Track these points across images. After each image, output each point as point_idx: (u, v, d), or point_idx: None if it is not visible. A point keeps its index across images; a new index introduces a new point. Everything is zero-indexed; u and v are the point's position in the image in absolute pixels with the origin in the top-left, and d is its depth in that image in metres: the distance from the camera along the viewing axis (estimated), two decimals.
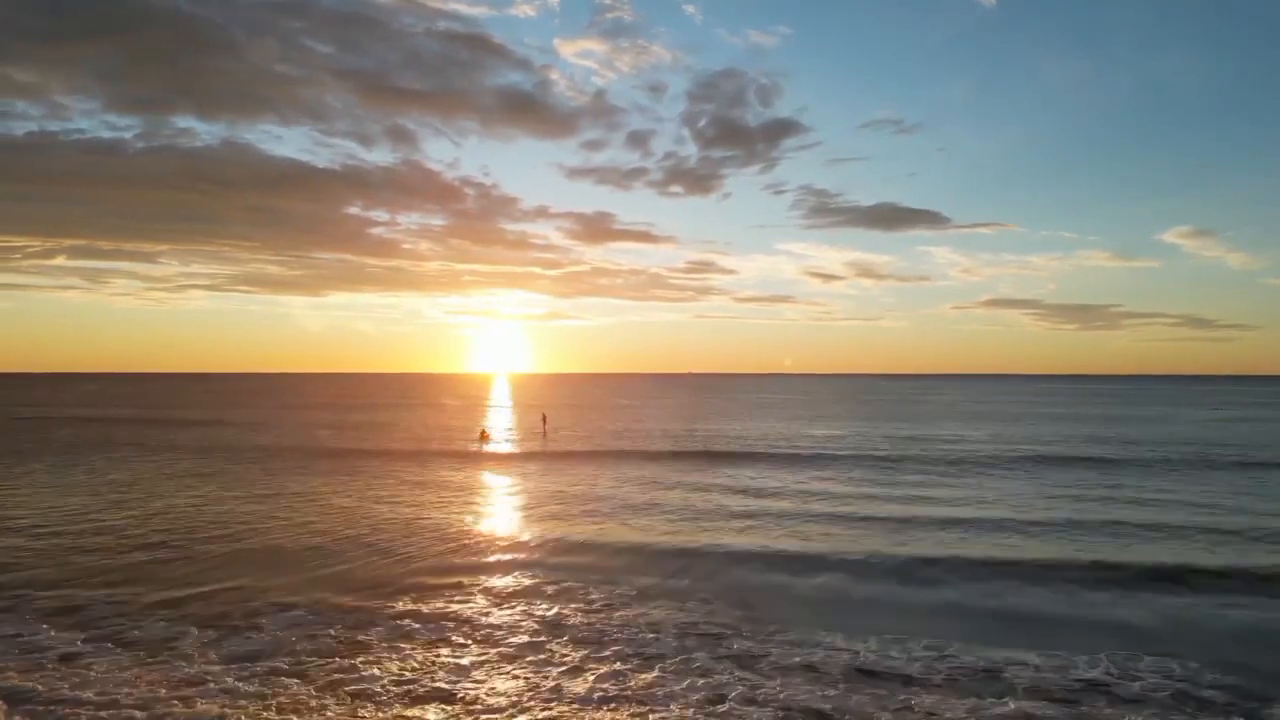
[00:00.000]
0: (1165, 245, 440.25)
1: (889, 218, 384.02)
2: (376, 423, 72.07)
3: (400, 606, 16.79)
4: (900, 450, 48.02)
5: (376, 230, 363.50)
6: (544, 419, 70.44)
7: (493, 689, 12.52)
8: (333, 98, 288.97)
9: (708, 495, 32.26)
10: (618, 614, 16.41)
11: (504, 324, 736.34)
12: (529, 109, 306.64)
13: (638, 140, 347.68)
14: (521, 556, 21.82)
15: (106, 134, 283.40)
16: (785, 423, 72.90)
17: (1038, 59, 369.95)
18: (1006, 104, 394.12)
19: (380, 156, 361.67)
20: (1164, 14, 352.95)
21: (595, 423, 73.33)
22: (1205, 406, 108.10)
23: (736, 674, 13.17)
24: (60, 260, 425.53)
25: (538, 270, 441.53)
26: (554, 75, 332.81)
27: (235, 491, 32.08)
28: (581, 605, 17.07)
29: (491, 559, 21.54)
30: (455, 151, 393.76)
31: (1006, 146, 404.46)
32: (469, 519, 27.06)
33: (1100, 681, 12.96)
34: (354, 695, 12.14)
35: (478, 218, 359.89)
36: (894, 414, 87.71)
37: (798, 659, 13.85)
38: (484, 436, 58.61)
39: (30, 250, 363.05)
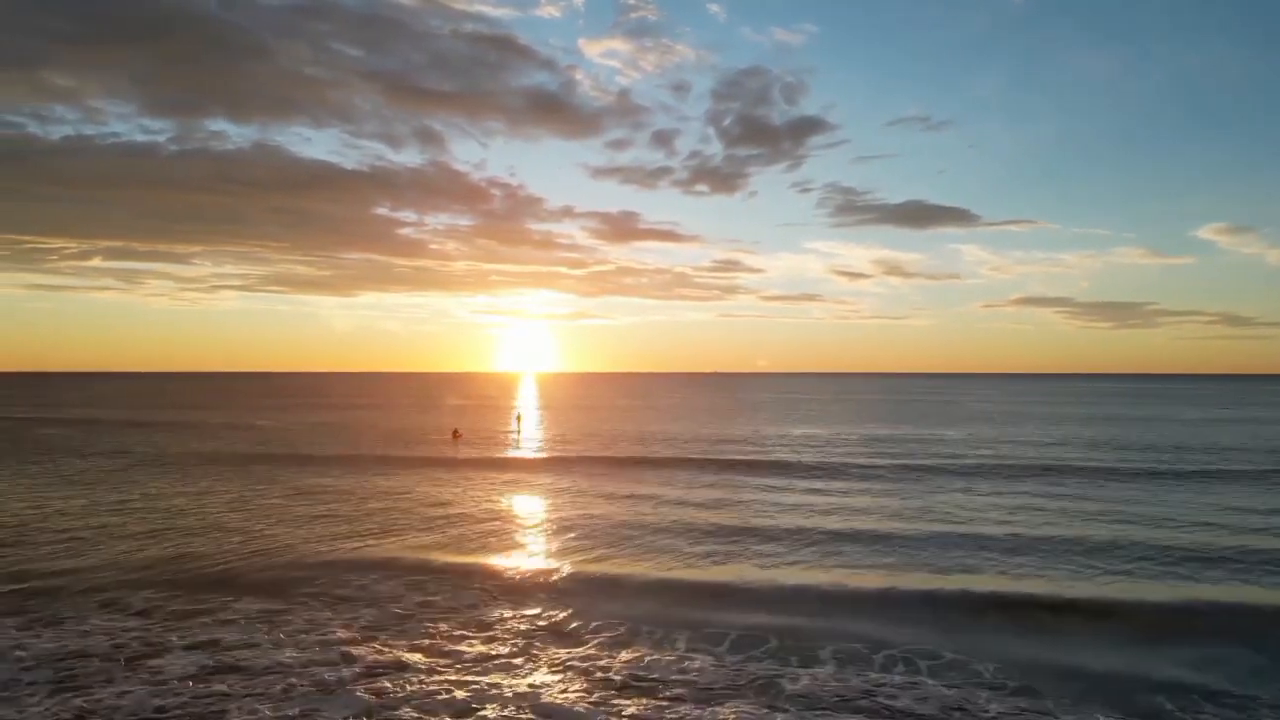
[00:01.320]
0: (1201, 242, 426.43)
1: (917, 215, 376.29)
2: (355, 422, 69.22)
3: None
4: (935, 455, 43.20)
5: (404, 231, 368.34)
6: (518, 418, 66.96)
7: None
8: (361, 99, 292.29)
9: (671, 509, 27.93)
10: None
11: (530, 323, 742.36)
12: (554, 109, 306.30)
13: (662, 139, 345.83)
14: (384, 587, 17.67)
15: (141, 137, 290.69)
16: (802, 426, 67.68)
17: (1069, 53, 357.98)
18: (1038, 99, 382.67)
19: (408, 158, 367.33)
20: (1199, 5, 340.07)
21: (582, 424, 69.27)
22: (1243, 406, 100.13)
23: None
24: (97, 261, 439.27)
25: (563, 270, 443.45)
26: (579, 75, 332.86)
27: (82, 499, 28.74)
28: None
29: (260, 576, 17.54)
30: (482, 152, 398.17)
31: (1038, 142, 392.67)
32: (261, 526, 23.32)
33: None
34: None
35: (504, 218, 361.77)
36: (925, 415, 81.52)
37: None
38: (456, 436, 56.05)
39: (67, 252, 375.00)
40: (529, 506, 28.93)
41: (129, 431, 60.00)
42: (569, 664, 13.25)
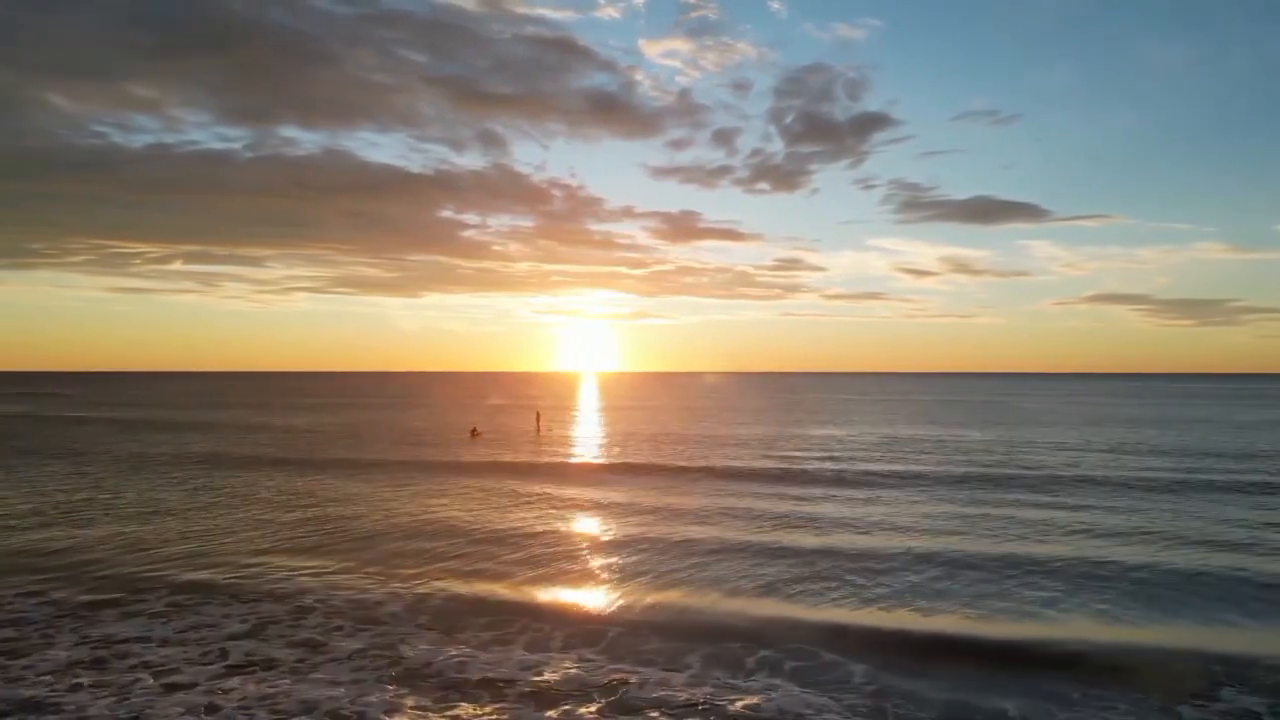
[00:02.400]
0: None
1: (984, 211, 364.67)
2: (386, 421, 68.61)
3: None
4: (1019, 464, 37.47)
5: (468, 232, 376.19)
6: (538, 417, 65.18)
7: None
8: (426, 104, 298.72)
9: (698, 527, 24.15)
10: None
11: (591, 323, 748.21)
12: (614, 110, 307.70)
13: (723, 138, 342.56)
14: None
15: (217, 145, 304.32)
16: (869, 427, 63.14)
17: (1142, 43, 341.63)
18: (1111, 90, 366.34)
19: (471, 160, 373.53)
20: None
21: (619, 424, 67.04)
22: None
23: None
24: (177, 265, 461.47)
25: (624, 270, 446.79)
26: (639, 76, 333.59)
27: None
28: None
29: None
30: (543, 154, 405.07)
31: (1111, 134, 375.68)
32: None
33: None
34: None
35: (565, 219, 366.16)
36: (1000, 418, 75.48)
37: None
38: (474, 434, 54.87)
39: (149, 256, 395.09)
40: (489, 519, 26.74)
41: (147, 431, 60.58)
42: None
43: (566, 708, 10.71)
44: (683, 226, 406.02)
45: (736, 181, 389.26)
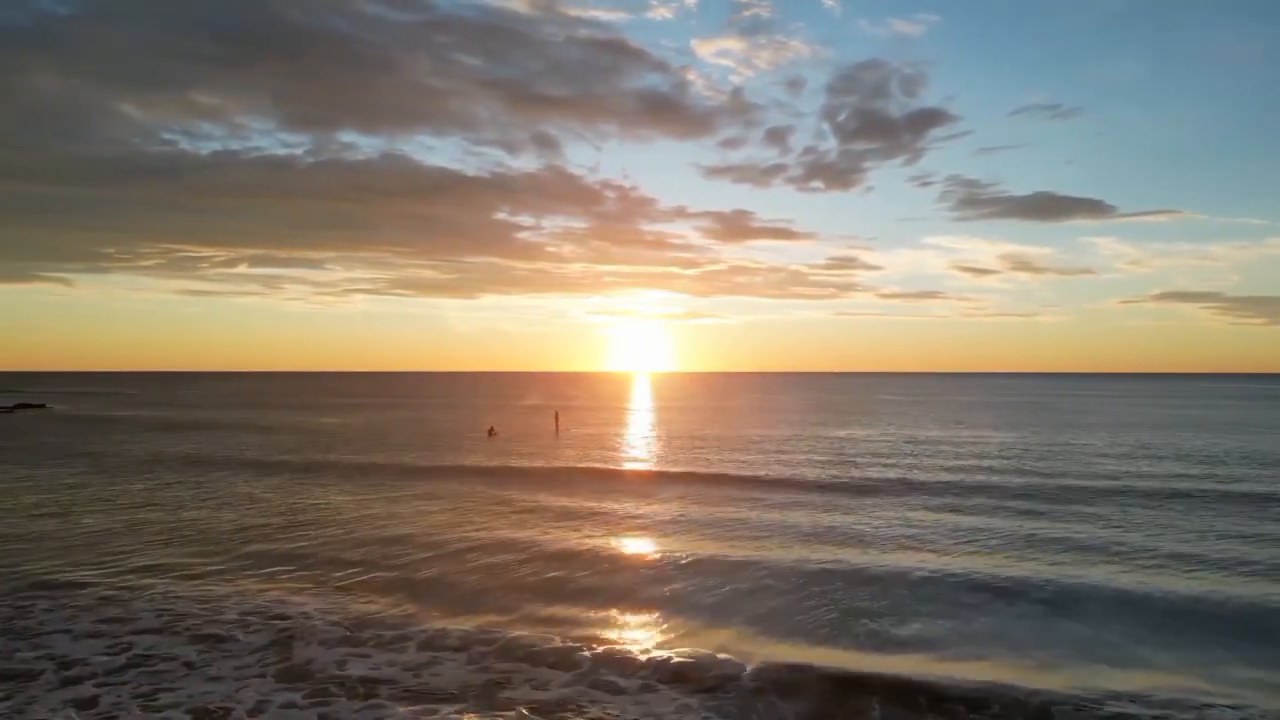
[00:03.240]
0: None
1: (1046, 208, 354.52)
2: (411, 421, 69.40)
3: None
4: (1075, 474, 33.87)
5: (522, 234, 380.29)
6: (556, 418, 65.27)
7: None
8: (481, 108, 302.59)
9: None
10: None
11: (644, 323, 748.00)
12: (667, 110, 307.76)
13: (776, 137, 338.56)
14: None
15: (280, 151, 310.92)
16: (930, 429, 60.31)
17: (1209, 33, 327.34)
18: (1180, 81, 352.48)
19: (525, 163, 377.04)
20: None
21: (654, 425, 66.78)
22: None
23: None
24: (242, 268, 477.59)
25: (676, 270, 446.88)
26: (691, 76, 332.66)
27: None
28: None
29: None
30: (595, 155, 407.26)
31: (1180, 127, 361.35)
32: None
33: None
34: None
35: (617, 219, 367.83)
36: (1070, 421, 72.68)
37: None
38: (491, 434, 55.43)
39: (216, 260, 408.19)
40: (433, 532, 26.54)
41: (159, 431, 62.24)
42: None
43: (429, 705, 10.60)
44: (735, 226, 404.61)
45: (790, 180, 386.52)
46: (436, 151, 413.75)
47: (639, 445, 48.52)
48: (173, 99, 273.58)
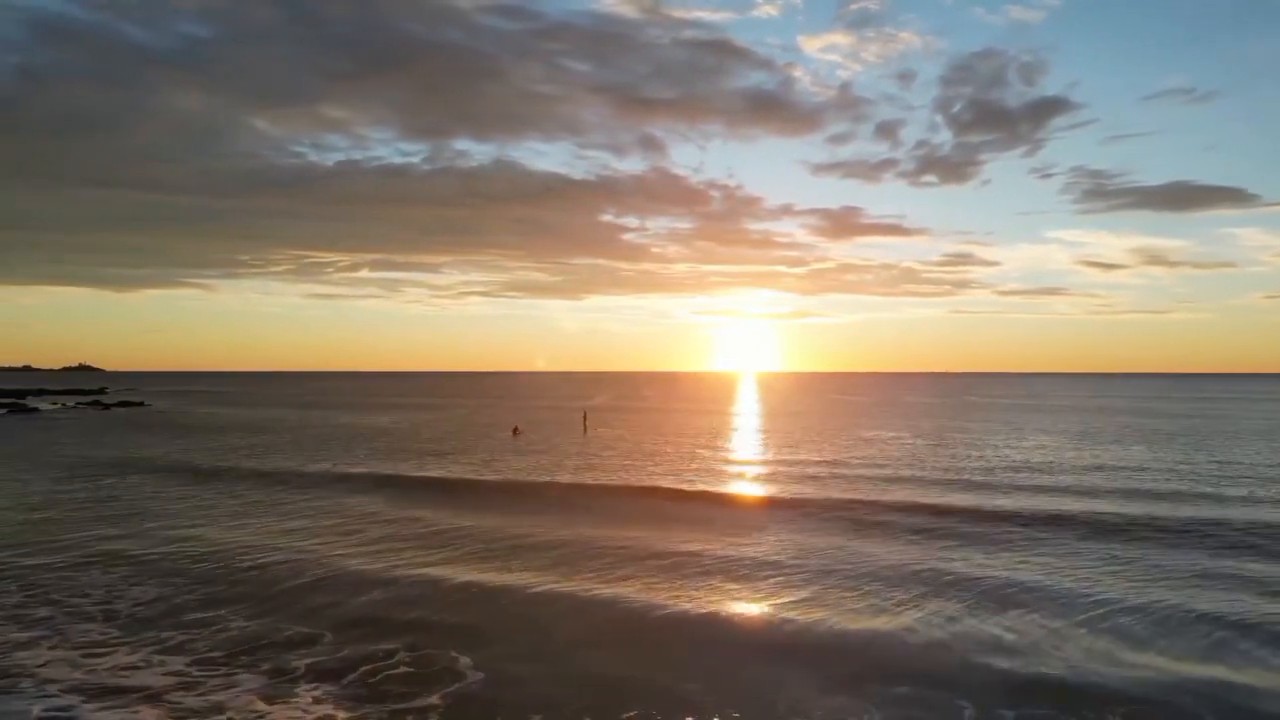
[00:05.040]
0: None
1: (1181, 198, 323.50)
2: (457, 420, 68.78)
3: None
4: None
5: (628, 236, 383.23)
6: (584, 417, 62.51)
7: None
8: (589, 112, 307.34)
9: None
10: None
11: (750, 323, 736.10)
12: (772, 108, 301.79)
13: (886, 131, 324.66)
14: None
15: (398, 159, 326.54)
16: (1060, 442, 52.45)
17: None
18: None
19: (631, 165, 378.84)
20: None
21: (669, 431, 63.15)
22: None
23: None
24: (364, 273, 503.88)
25: (783, 269, 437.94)
26: (797, 72, 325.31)
27: None
28: None
29: None
30: (700, 155, 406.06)
31: None
32: None
33: None
34: None
35: (722, 219, 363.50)
36: (1216, 429, 63.39)
37: None
38: (515, 433, 54.20)
39: (340, 265, 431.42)
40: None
41: (190, 435, 63.53)
42: None
43: None
44: (844, 223, 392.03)
45: (901, 175, 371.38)
46: (545, 156, 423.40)
47: (664, 451, 45.06)
48: (302, 113, 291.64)
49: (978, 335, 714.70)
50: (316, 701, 10.61)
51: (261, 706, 10.35)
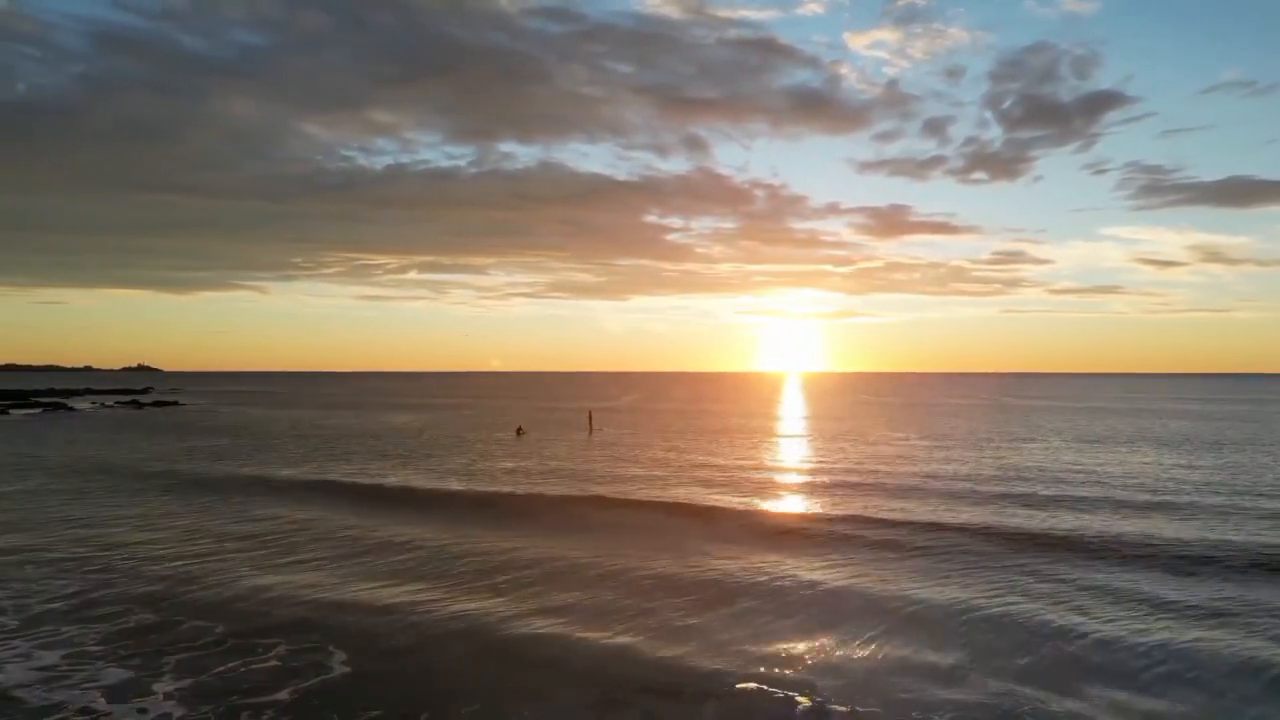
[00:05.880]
0: None
1: (1242, 193, 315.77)
2: (460, 420, 69.04)
3: None
4: None
5: (671, 236, 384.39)
6: (590, 417, 62.12)
7: None
8: (632, 113, 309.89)
9: None
10: None
11: (794, 323, 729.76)
12: (818, 106, 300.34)
13: (934, 128, 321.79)
14: None
15: (445, 163, 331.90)
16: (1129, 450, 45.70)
17: None
18: None
19: (675, 165, 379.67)
20: None
21: (674, 433, 62.54)
22: None
23: None
24: (412, 274, 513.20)
25: (828, 268, 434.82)
26: (843, 70, 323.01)
27: None
28: None
29: None
30: (745, 155, 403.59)
31: None
32: None
33: None
34: None
35: (767, 218, 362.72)
36: None
37: None
38: (519, 433, 54.47)
39: (389, 267, 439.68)
40: None
41: (193, 435, 64.38)
42: None
43: None
44: (891, 221, 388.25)
45: (950, 172, 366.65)
46: (589, 158, 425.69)
47: (645, 457, 44.50)
48: (351, 118, 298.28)
49: (1030, 335, 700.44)
50: (167, 698, 10.55)
51: (102, 705, 10.31)
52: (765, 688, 10.83)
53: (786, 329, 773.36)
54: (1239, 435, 51.70)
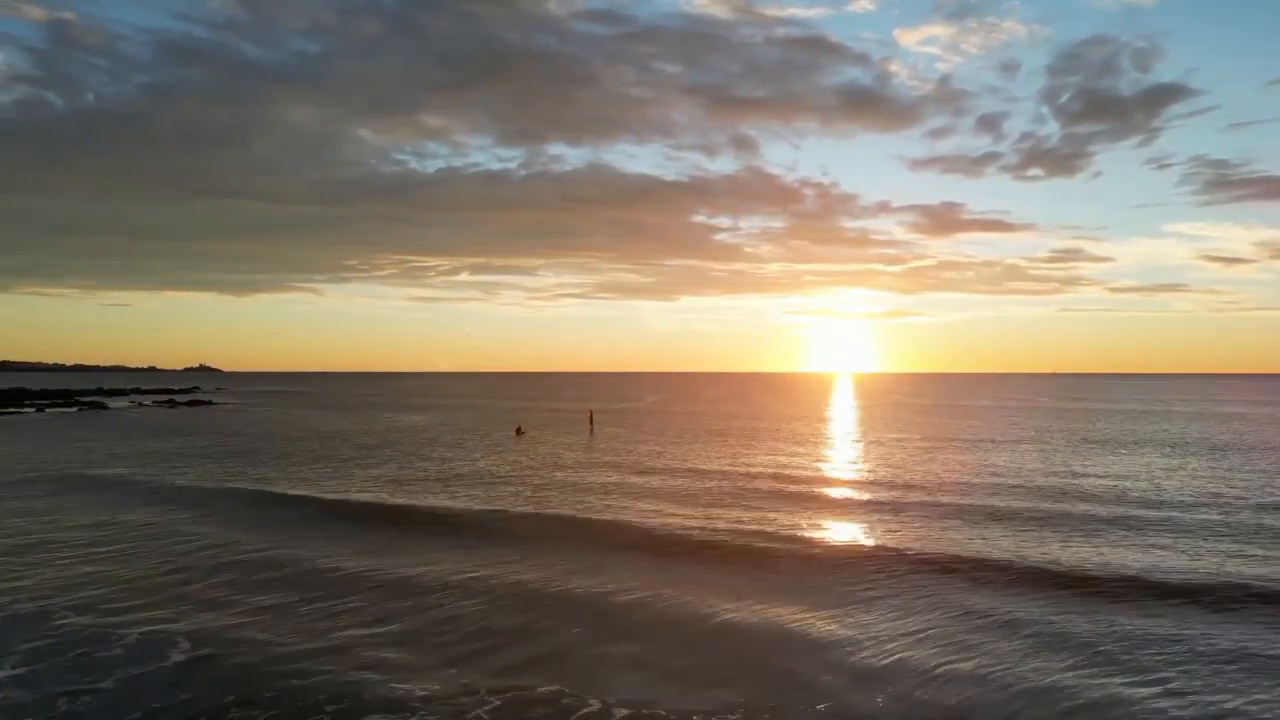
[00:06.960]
0: None
1: None
2: (473, 420, 68.86)
3: None
4: None
5: (720, 236, 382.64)
6: (590, 418, 61.21)
7: None
8: (680, 114, 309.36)
9: None
10: None
11: (845, 323, 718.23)
12: (868, 104, 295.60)
13: (988, 124, 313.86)
14: None
15: (496, 166, 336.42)
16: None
17: None
18: None
19: (723, 165, 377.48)
20: None
21: (679, 436, 61.18)
22: None
23: None
24: (464, 276, 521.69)
25: (879, 267, 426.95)
26: (894, 67, 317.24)
27: None
28: None
29: None
30: (794, 154, 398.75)
31: None
32: None
33: None
34: None
35: (816, 217, 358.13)
36: None
37: None
38: (519, 433, 54.29)
39: (441, 268, 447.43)
40: None
41: (203, 436, 65.09)
42: None
43: None
44: (944, 219, 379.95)
45: (1004, 169, 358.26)
46: (638, 159, 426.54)
47: (629, 462, 43.17)
48: (404, 122, 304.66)
49: (1088, 334, 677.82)
50: None
51: None
52: None
53: (837, 329, 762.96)
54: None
